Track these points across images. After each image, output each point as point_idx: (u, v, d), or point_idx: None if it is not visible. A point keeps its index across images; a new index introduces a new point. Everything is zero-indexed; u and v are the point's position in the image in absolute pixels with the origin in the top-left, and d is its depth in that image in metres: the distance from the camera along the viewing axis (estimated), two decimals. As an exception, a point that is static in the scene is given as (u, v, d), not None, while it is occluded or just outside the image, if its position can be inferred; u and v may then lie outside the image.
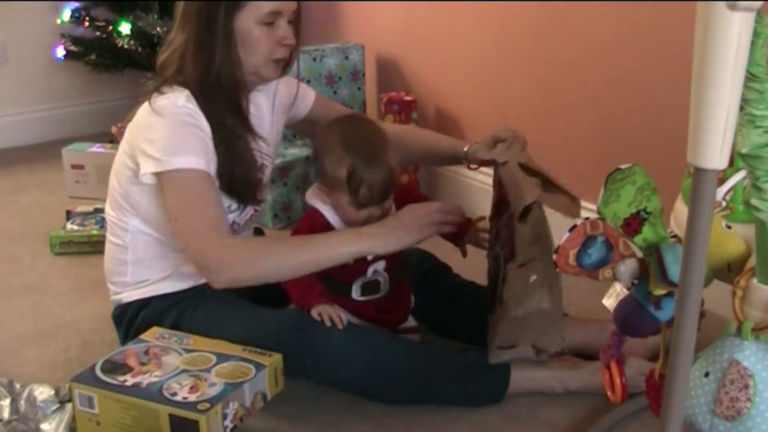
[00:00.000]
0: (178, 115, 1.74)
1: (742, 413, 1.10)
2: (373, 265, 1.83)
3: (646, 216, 1.20)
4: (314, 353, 1.69)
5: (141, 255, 1.88)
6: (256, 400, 1.62)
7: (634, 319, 1.25)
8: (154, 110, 1.75)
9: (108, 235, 1.94)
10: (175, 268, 1.86)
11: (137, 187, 1.80)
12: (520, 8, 2.58)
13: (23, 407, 1.68)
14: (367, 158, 1.73)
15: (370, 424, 1.72)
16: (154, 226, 1.84)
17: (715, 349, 1.16)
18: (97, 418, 1.59)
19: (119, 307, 1.92)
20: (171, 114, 1.74)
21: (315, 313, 1.71)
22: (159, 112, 1.74)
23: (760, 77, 0.96)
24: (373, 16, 3.24)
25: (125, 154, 1.82)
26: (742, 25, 0.89)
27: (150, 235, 1.85)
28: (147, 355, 1.68)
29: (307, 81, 3.03)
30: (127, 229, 1.87)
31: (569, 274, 1.26)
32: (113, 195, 1.88)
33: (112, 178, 1.89)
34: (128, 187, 1.83)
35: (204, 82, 1.77)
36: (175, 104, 1.74)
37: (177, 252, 1.84)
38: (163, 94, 1.77)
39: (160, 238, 1.85)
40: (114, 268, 1.92)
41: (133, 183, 1.81)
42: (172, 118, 1.74)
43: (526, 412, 1.74)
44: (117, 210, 1.88)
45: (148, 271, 1.88)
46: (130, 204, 1.84)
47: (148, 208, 1.82)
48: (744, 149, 1.01)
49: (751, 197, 1.05)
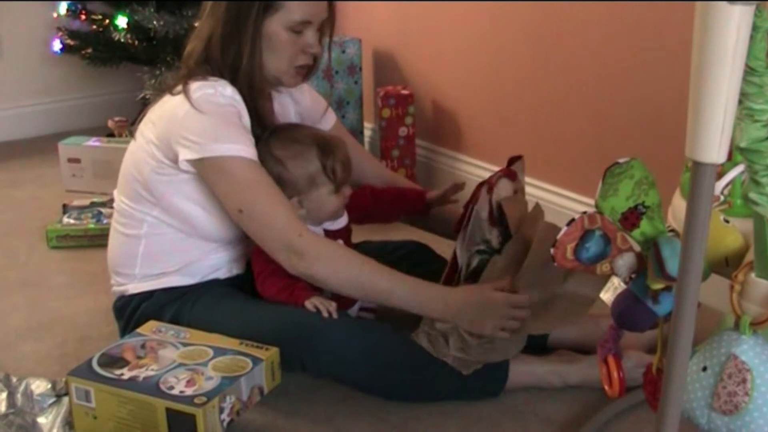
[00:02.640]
0: (221, 106, 1.74)
1: (740, 408, 1.10)
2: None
3: (644, 210, 1.19)
4: (313, 347, 1.69)
5: (154, 247, 1.87)
6: (253, 394, 1.62)
7: (632, 313, 1.25)
8: (193, 99, 1.73)
9: (117, 226, 1.92)
10: (186, 263, 1.86)
11: (162, 178, 1.79)
12: (516, 3, 2.58)
13: (20, 401, 1.68)
14: (324, 141, 1.82)
15: (367, 418, 1.72)
16: (175, 216, 1.83)
17: (712, 344, 1.16)
18: (94, 412, 1.59)
19: (122, 299, 1.92)
20: (213, 104, 1.73)
21: (309, 305, 1.72)
22: (200, 102, 1.73)
23: (759, 71, 0.96)
24: (370, 11, 3.24)
25: (151, 144, 1.79)
26: (741, 19, 0.89)
27: (169, 226, 1.84)
28: (144, 348, 1.68)
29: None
30: (144, 220, 1.86)
31: (567, 268, 1.26)
32: (131, 185, 1.86)
33: (129, 167, 1.87)
34: (152, 177, 1.81)
35: (235, 80, 1.77)
36: (222, 93, 1.74)
37: (192, 245, 1.85)
38: (198, 82, 1.75)
39: (179, 229, 1.84)
40: (122, 259, 1.91)
41: (157, 174, 1.79)
42: (215, 107, 1.73)
43: (523, 406, 1.74)
44: (134, 200, 1.86)
45: (158, 265, 1.88)
46: (152, 194, 1.83)
47: (172, 198, 1.81)
48: (743, 143, 1.01)
49: (750, 191, 1.05)
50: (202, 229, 1.83)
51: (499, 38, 2.70)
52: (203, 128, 1.71)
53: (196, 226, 1.83)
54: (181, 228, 1.84)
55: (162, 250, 1.87)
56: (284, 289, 1.76)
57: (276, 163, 1.79)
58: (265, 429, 1.71)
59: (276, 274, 1.78)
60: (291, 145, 1.81)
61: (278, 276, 1.77)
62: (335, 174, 1.80)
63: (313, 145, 1.80)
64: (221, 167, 1.71)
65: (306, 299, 1.73)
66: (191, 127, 1.72)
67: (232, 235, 1.85)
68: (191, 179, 1.78)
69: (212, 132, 1.71)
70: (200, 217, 1.81)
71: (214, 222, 1.81)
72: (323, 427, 1.71)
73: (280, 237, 1.70)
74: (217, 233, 1.84)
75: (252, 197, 1.71)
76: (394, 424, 1.70)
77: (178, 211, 1.82)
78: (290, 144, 1.81)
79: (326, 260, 1.70)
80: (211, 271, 1.89)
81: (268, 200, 1.72)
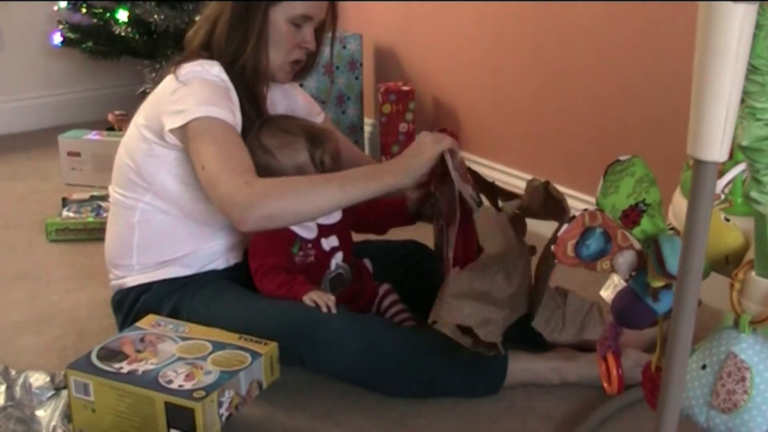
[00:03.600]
0: (208, 80, 1.75)
1: (739, 406, 1.10)
2: (333, 258, 1.86)
3: (644, 208, 1.19)
4: (312, 341, 1.69)
5: (148, 236, 1.87)
6: (252, 389, 1.62)
7: (632, 310, 1.25)
8: (181, 77, 1.75)
9: (111, 218, 1.94)
10: (181, 253, 1.87)
11: (153, 159, 1.80)
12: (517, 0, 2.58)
13: (18, 394, 1.68)
14: (313, 132, 1.82)
15: (366, 414, 1.72)
16: (168, 199, 1.84)
17: (712, 342, 1.16)
18: (93, 406, 1.59)
19: (120, 292, 1.92)
20: (200, 78, 1.75)
21: (307, 300, 1.72)
22: (188, 77, 1.74)
23: (762, 69, 0.96)
24: (371, 6, 3.23)
25: (141, 126, 1.82)
26: (744, 17, 0.89)
27: (162, 211, 1.85)
28: (143, 342, 1.68)
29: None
30: (136, 207, 1.86)
31: (567, 265, 1.26)
32: (124, 173, 1.87)
33: (122, 157, 1.88)
34: (143, 161, 1.82)
35: (233, 65, 1.77)
36: (209, 71, 1.75)
37: (186, 231, 1.86)
38: (188, 63, 1.77)
39: (172, 213, 1.85)
40: (118, 251, 1.92)
41: (149, 156, 1.81)
42: (202, 80, 1.75)
43: (522, 402, 1.75)
44: (127, 188, 1.87)
45: (154, 254, 1.88)
46: (143, 179, 1.83)
47: (165, 180, 1.82)
48: (744, 142, 1.01)
49: (751, 190, 1.05)
50: (194, 210, 1.83)
51: (501, 35, 2.69)
52: (188, 96, 1.73)
53: (188, 207, 1.83)
54: (172, 212, 1.85)
55: (156, 239, 1.87)
56: (282, 285, 1.76)
57: (264, 152, 1.80)
58: (263, 423, 1.71)
59: (274, 271, 1.78)
60: (280, 135, 1.81)
61: (276, 272, 1.77)
62: (324, 165, 1.80)
63: (302, 136, 1.81)
64: (198, 129, 1.70)
65: (304, 294, 1.73)
66: (178, 99, 1.74)
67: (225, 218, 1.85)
68: (181, 159, 1.79)
69: (197, 98, 1.72)
70: (192, 197, 1.81)
71: (206, 200, 1.81)
72: (322, 422, 1.71)
73: (226, 189, 1.65)
74: (209, 213, 1.82)
75: (212, 152, 1.69)
76: (393, 420, 1.70)
77: (169, 192, 1.83)
78: (279, 134, 1.82)
79: (275, 194, 1.66)
80: (209, 261, 1.89)
81: (223, 154, 1.69)
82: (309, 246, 1.82)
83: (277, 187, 1.68)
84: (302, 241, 1.82)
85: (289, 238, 1.81)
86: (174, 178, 1.81)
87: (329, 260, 1.85)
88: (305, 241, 1.82)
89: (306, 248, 1.82)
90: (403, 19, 3.12)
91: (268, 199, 1.64)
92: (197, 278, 1.87)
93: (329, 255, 1.85)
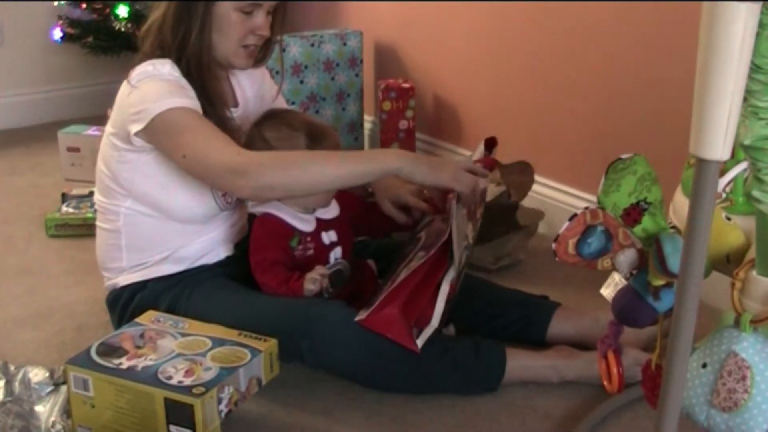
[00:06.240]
0: (160, 78, 1.75)
1: (740, 405, 1.10)
2: (332, 252, 1.86)
3: (646, 206, 1.19)
4: (311, 337, 1.69)
5: (135, 238, 1.87)
6: (251, 385, 1.62)
7: (633, 309, 1.25)
8: (133, 80, 1.76)
9: (99, 223, 1.95)
10: (171, 250, 1.87)
11: (126, 165, 1.81)
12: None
13: (18, 389, 1.68)
14: (314, 128, 1.83)
15: (364, 411, 1.72)
16: (147, 203, 1.84)
17: (713, 341, 1.16)
18: (92, 401, 1.59)
19: (114, 292, 1.92)
20: (151, 77, 1.75)
21: (308, 285, 1.73)
22: (139, 79, 1.75)
23: (765, 69, 0.95)
24: (372, 3, 3.23)
25: (110, 135, 1.83)
26: (748, 16, 0.89)
27: (144, 215, 1.85)
28: (142, 338, 1.68)
29: (305, 66, 3.02)
30: (119, 212, 1.87)
31: (568, 263, 1.26)
32: (102, 181, 1.89)
33: (99, 164, 1.90)
34: (117, 168, 1.83)
35: (180, 59, 1.78)
36: (160, 70, 1.75)
37: (172, 230, 1.85)
38: (140, 65, 1.78)
39: (154, 215, 1.85)
40: (108, 254, 1.92)
41: (121, 163, 1.82)
42: (153, 79, 1.75)
43: (521, 401, 1.75)
44: (107, 195, 1.88)
45: (144, 254, 1.88)
46: (120, 185, 1.84)
47: (140, 185, 1.82)
48: (747, 141, 1.01)
49: (753, 189, 1.05)
50: (174, 211, 1.84)
51: (501, 32, 2.69)
52: (143, 96, 1.73)
53: (167, 208, 1.83)
54: (154, 214, 1.85)
55: (144, 240, 1.87)
56: (283, 283, 1.76)
57: (264, 144, 1.81)
58: (262, 420, 1.71)
59: (275, 267, 1.78)
60: (281, 128, 1.83)
61: (277, 269, 1.77)
62: None
63: (303, 131, 1.82)
64: (164, 123, 1.71)
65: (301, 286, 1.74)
66: (133, 102, 1.74)
67: (207, 212, 1.86)
68: (152, 161, 1.79)
69: (151, 95, 1.72)
70: (169, 198, 1.82)
71: (183, 200, 1.82)
72: (321, 419, 1.71)
73: (220, 162, 1.67)
74: (190, 212, 1.84)
75: (190, 137, 1.70)
76: (392, 417, 1.71)
77: (147, 196, 1.83)
78: (281, 127, 1.83)
79: (272, 166, 1.68)
80: (200, 256, 1.90)
81: (203, 135, 1.70)
82: (308, 239, 1.83)
83: (274, 158, 1.70)
84: (301, 235, 1.82)
85: (287, 232, 1.81)
86: (149, 181, 1.81)
87: (328, 254, 1.85)
88: (304, 234, 1.82)
89: (305, 242, 1.83)
90: (403, 16, 3.12)
91: (266, 169, 1.67)
92: (192, 274, 1.87)
93: (328, 249, 1.86)
